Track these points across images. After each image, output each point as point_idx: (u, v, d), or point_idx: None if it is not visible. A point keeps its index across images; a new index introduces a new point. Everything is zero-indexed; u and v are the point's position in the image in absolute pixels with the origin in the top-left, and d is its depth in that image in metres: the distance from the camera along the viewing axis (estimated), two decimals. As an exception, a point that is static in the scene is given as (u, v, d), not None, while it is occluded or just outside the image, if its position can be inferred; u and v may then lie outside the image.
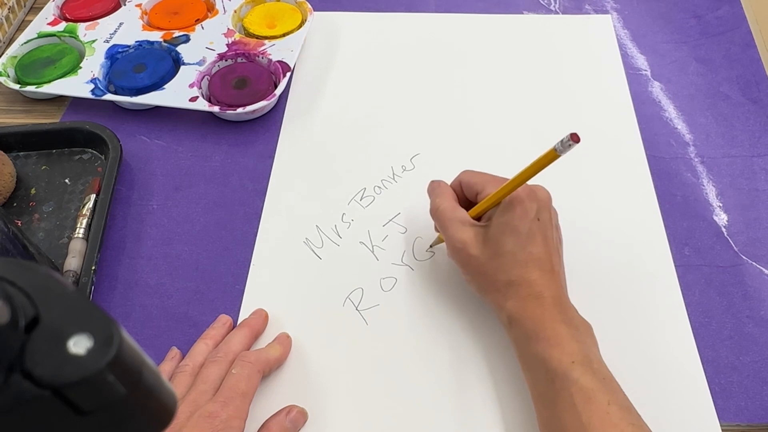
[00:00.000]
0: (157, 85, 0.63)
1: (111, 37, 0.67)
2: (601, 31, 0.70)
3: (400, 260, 0.52)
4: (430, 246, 0.52)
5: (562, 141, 0.39)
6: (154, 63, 0.65)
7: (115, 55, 0.66)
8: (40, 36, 0.68)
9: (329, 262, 0.52)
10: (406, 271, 0.52)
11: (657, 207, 0.55)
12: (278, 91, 0.61)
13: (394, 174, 0.58)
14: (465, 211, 0.46)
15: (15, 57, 0.66)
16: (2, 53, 0.69)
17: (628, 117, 0.61)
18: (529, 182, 0.43)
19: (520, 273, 0.42)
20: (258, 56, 0.65)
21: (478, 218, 0.46)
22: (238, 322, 0.49)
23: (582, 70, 0.66)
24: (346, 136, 0.61)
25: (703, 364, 0.46)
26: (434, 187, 0.49)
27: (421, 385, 0.46)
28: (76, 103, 0.65)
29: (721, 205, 0.55)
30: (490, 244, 0.43)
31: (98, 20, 0.70)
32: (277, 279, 0.51)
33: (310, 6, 0.70)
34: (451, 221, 0.45)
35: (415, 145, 0.60)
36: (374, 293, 0.50)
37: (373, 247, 0.53)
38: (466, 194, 0.47)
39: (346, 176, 0.58)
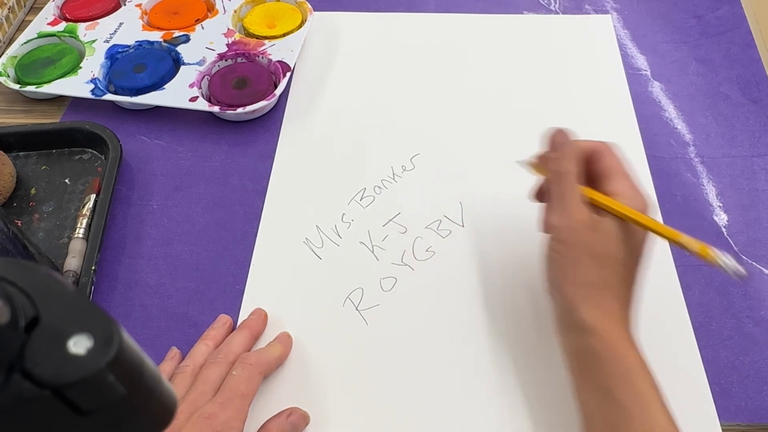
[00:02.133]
0: (157, 85, 0.63)
1: (111, 37, 0.67)
2: (601, 31, 0.70)
3: (400, 260, 0.52)
4: (525, 162, 0.46)
5: (725, 262, 0.37)
6: (154, 63, 0.65)
7: (115, 55, 0.66)
8: (40, 36, 0.68)
9: (329, 262, 0.52)
10: (406, 271, 0.52)
11: (657, 207, 0.55)
12: (278, 91, 0.61)
13: (394, 174, 0.58)
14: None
15: (15, 57, 0.66)
16: (2, 53, 0.69)
17: (628, 117, 0.61)
18: None
19: (615, 281, 0.39)
20: (258, 56, 0.65)
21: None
22: (238, 322, 0.49)
23: (582, 70, 0.66)
24: (346, 136, 0.61)
25: (703, 363, 0.46)
26: (562, 141, 0.43)
27: (421, 385, 0.46)
28: (76, 103, 0.65)
29: (721, 205, 0.55)
30: (605, 241, 0.39)
31: (98, 20, 0.70)
32: (277, 279, 0.51)
33: (310, 6, 0.70)
34: (574, 193, 0.41)
35: (415, 145, 0.60)
36: (374, 293, 0.50)
37: (373, 247, 0.53)
38: (588, 165, 0.43)
39: (346, 176, 0.58)
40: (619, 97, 0.63)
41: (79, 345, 0.19)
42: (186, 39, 0.67)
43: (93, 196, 0.55)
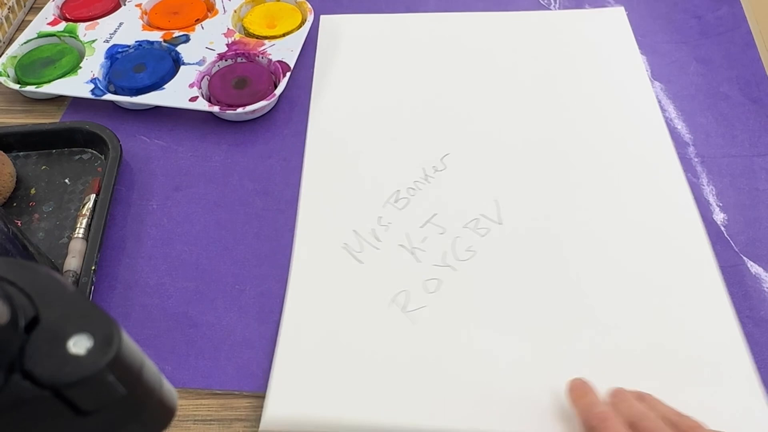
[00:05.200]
0: (157, 85, 0.63)
1: (111, 37, 0.67)
2: (616, 25, 0.69)
3: (441, 261, 0.51)
4: None
5: None
6: (154, 63, 0.65)
7: (115, 55, 0.66)
8: (40, 36, 0.68)
9: (371, 266, 0.51)
10: (449, 271, 0.51)
11: (692, 203, 0.54)
12: (278, 91, 0.61)
13: (426, 175, 0.57)
14: None
15: (15, 57, 0.66)
16: (2, 53, 0.69)
17: (653, 110, 0.61)
18: None
19: None
20: (258, 56, 0.65)
21: None
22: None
23: (599, 65, 0.65)
24: (371, 139, 0.60)
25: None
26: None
27: (471, 386, 0.45)
28: (76, 103, 0.65)
29: (720, 204, 0.55)
30: None
31: (98, 20, 0.70)
32: (319, 286, 0.51)
33: (310, 6, 0.70)
34: None
35: (445, 145, 0.59)
36: (419, 295, 0.49)
37: (413, 249, 0.52)
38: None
39: (378, 180, 0.57)
40: (641, 91, 0.63)
41: (79, 345, 0.19)
42: (186, 39, 0.67)
43: (93, 196, 0.55)
